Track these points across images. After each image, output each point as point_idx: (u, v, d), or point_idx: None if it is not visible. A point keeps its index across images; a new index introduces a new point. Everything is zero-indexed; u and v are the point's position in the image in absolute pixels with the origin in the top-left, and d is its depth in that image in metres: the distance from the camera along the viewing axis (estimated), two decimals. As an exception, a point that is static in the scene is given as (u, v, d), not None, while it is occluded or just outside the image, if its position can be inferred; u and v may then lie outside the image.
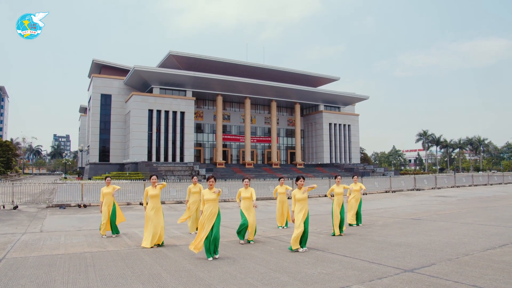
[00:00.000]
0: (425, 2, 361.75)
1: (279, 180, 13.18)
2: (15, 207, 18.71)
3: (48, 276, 6.72)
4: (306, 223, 8.86)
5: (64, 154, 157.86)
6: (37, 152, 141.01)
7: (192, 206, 11.48)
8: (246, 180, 10.54)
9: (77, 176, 70.74)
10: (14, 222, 14.18)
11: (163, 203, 21.50)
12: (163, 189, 23.36)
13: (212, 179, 8.42)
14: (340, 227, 11.08)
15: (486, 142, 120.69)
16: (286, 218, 12.71)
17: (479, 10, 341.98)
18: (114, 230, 11.11)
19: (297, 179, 9.15)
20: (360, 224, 12.80)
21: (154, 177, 9.89)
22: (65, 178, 63.85)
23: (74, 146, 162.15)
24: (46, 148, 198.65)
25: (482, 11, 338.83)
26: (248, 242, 9.92)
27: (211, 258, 7.98)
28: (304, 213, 8.88)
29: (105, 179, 11.49)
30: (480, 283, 5.96)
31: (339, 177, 11.79)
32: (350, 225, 12.65)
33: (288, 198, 12.85)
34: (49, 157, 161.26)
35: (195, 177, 12.11)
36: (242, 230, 9.96)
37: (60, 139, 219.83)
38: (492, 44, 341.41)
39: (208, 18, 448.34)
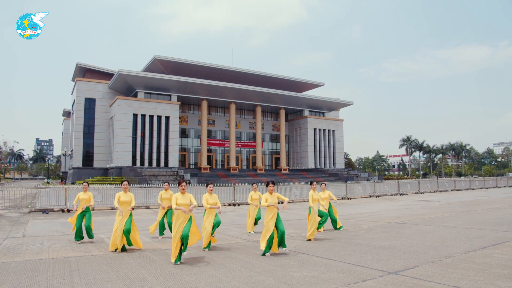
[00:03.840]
0: (410, 10, 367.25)
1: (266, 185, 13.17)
2: (-3, 212, 18.42)
3: (32, 281, 6.65)
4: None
5: (46, 158, 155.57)
6: (19, 157, 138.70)
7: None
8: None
9: (60, 180, 69.88)
10: (-4, 227, 13.96)
11: (147, 207, 21.42)
12: (148, 194, 23.26)
13: (184, 184, 8.40)
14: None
15: (468, 147, 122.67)
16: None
17: (463, 18, 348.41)
18: (90, 235, 10.96)
19: (267, 184, 9.37)
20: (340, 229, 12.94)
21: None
22: (48, 183, 62.94)
23: (57, 151, 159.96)
24: (28, 152, 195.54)
25: (466, 19, 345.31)
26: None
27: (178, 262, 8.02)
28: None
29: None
30: (462, 284, 6.08)
31: (315, 183, 11.89)
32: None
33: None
34: (31, 162, 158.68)
35: (166, 183, 12.01)
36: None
37: (42, 143, 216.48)
38: (474, 51, 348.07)
39: (196, 24, 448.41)
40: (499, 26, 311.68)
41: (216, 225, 9.78)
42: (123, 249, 9.44)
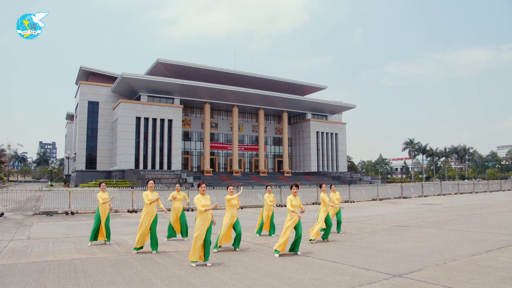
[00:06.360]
0: (411, 14, 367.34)
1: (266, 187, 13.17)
2: (1, 214, 18.45)
3: (38, 283, 6.67)
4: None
5: (50, 161, 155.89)
6: (22, 159, 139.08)
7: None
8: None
9: (63, 183, 69.99)
10: (1, 229, 13.99)
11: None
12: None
13: (204, 185, 8.42)
14: (327, 232, 11.40)
15: (471, 151, 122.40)
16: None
17: (466, 21, 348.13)
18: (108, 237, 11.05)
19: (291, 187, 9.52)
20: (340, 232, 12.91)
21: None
22: (51, 185, 63.10)
23: (61, 154, 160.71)
24: (32, 155, 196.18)
25: (468, 22, 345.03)
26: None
27: (194, 265, 8.03)
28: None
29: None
30: (467, 287, 6.08)
31: (324, 185, 11.89)
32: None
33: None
34: (34, 165, 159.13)
35: (177, 185, 12.19)
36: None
37: (46, 146, 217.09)
38: (477, 54, 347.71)
39: (198, 29, 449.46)
40: (501, 28, 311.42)
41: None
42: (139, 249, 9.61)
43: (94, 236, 10.79)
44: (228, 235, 9.86)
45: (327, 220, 11.42)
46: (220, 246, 9.79)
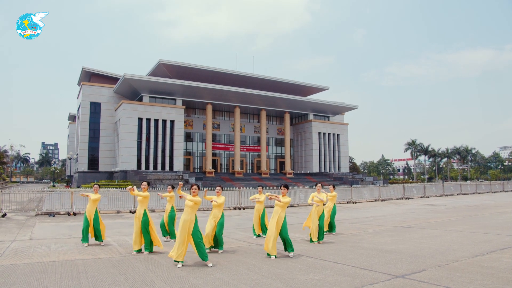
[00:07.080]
0: (413, 14, 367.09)
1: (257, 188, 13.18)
2: (4, 215, 18.50)
3: (40, 283, 6.68)
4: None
5: (52, 162, 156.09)
6: (25, 160, 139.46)
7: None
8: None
9: (65, 184, 70.12)
10: (3, 230, 14.03)
11: (152, 211, 21.39)
12: (153, 198, 23.25)
13: (195, 187, 8.37)
14: (320, 234, 11.23)
15: (473, 151, 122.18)
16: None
17: (468, 21, 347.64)
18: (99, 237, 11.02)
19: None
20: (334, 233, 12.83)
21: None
22: (53, 186, 63.22)
23: (63, 154, 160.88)
24: (34, 156, 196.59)
25: (470, 22, 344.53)
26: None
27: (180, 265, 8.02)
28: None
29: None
30: (470, 288, 6.07)
31: (319, 185, 11.87)
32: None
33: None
34: (37, 165, 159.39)
35: (169, 186, 12.24)
36: None
37: (48, 147, 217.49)
38: (478, 54, 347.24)
39: (200, 30, 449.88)
40: (503, 29, 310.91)
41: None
42: (139, 251, 9.61)
43: (86, 237, 10.86)
44: (208, 236, 9.69)
45: (318, 220, 11.42)
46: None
